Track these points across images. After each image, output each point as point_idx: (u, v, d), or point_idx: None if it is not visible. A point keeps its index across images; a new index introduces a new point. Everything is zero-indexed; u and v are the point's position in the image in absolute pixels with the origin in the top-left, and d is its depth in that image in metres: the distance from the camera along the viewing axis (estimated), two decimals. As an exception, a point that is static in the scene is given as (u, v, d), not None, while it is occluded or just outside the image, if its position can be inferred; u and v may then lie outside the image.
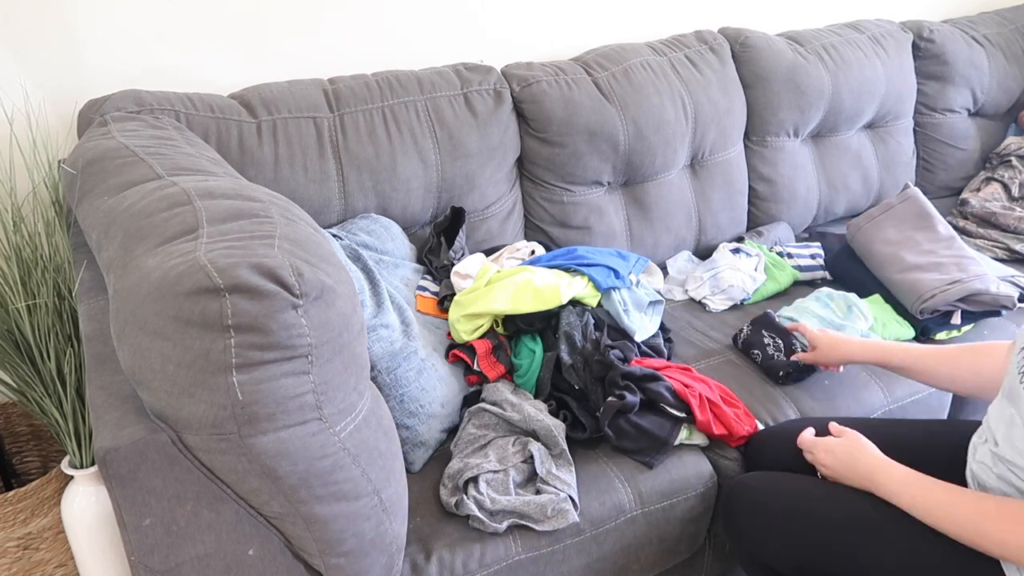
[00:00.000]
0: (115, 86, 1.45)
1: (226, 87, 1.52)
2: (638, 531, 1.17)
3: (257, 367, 0.75)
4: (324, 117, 1.47)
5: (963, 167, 2.25)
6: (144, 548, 0.80)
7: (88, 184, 1.03)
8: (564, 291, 1.34)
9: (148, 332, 0.74)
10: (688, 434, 1.24)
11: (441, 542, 1.07)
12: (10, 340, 1.27)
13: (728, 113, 1.85)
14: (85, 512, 1.18)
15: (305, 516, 0.84)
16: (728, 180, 1.89)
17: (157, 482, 0.79)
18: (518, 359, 1.34)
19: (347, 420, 0.85)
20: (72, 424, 1.22)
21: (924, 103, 2.21)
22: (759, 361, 1.44)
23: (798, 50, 1.95)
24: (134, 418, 0.80)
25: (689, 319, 1.64)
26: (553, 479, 1.12)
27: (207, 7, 1.49)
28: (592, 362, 1.26)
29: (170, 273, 0.74)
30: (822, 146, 2.06)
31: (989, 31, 2.28)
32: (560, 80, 1.66)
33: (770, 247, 1.84)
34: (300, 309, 0.76)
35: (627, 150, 1.71)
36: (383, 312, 1.24)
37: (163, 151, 1.10)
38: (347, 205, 1.49)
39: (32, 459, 1.59)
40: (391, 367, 1.19)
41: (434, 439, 1.23)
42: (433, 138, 1.54)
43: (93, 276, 1.11)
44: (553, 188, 1.71)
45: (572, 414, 1.25)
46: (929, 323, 1.53)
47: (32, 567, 1.36)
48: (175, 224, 0.84)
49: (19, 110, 1.41)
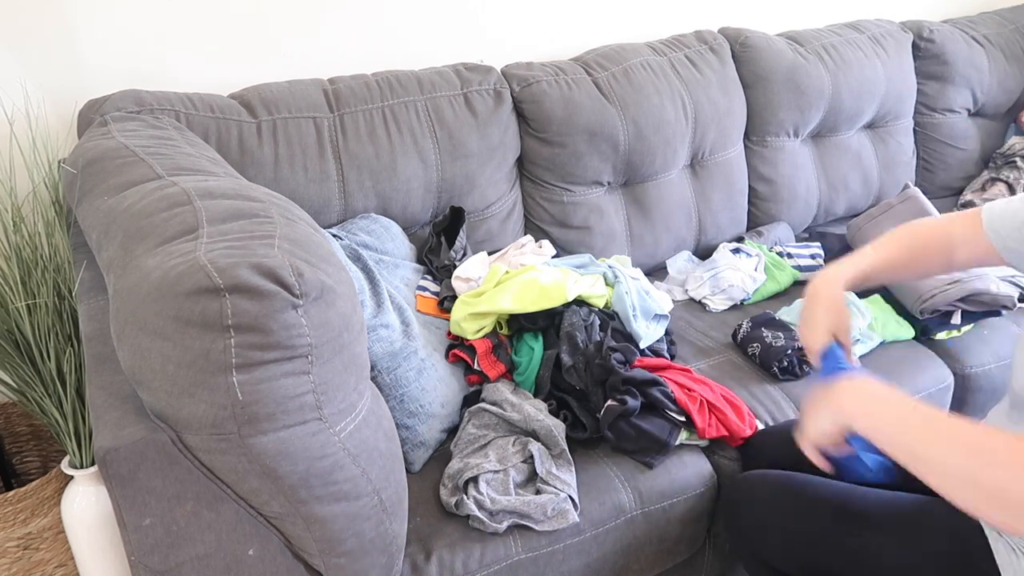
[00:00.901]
0: (115, 86, 1.45)
1: (226, 87, 1.52)
2: (638, 531, 1.17)
3: (257, 367, 0.75)
4: (324, 117, 1.47)
5: (963, 167, 2.25)
6: (144, 548, 0.80)
7: (88, 184, 1.04)
8: (570, 289, 1.34)
9: (148, 332, 0.74)
10: (688, 434, 1.24)
11: (441, 542, 1.07)
12: (10, 340, 1.27)
13: (728, 113, 1.85)
14: (85, 512, 1.18)
15: (305, 516, 0.84)
16: (728, 180, 1.89)
17: (157, 482, 0.79)
18: (518, 356, 1.34)
19: (347, 420, 0.85)
20: (72, 424, 1.22)
21: (924, 103, 2.21)
22: (758, 354, 1.44)
23: (798, 50, 1.95)
24: (134, 418, 0.80)
25: (689, 319, 1.64)
26: (553, 479, 1.12)
27: (207, 7, 1.50)
28: (593, 365, 1.26)
29: (170, 273, 0.74)
30: (822, 146, 2.06)
31: (989, 31, 2.28)
32: (560, 80, 1.66)
33: (770, 247, 1.84)
34: (300, 309, 0.76)
35: (627, 150, 1.71)
36: (383, 312, 1.24)
37: (163, 151, 1.10)
38: (347, 205, 1.49)
39: (32, 459, 1.59)
40: (391, 367, 1.19)
41: (434, 439, 1.23)
42: (433, 138, 1.54)
43: (93, 276, 1.11)
44: (553, 188, 1.71)
45: (572, 414, 1.25)
46: (929, 323, 1.53)
47: (32, 567, 1.36)
48: (175, 224, 0.84)
49: (19, 110, 1.41)
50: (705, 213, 1.87)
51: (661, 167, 1.78)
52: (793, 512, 1.04)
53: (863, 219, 1.71)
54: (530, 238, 1.66)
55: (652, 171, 1.78)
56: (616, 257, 1.61)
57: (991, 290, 1.48)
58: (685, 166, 1.87)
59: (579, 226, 1.72)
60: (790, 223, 2.00)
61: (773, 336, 1.44)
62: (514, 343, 1.38)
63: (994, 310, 1.53)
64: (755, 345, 1.45)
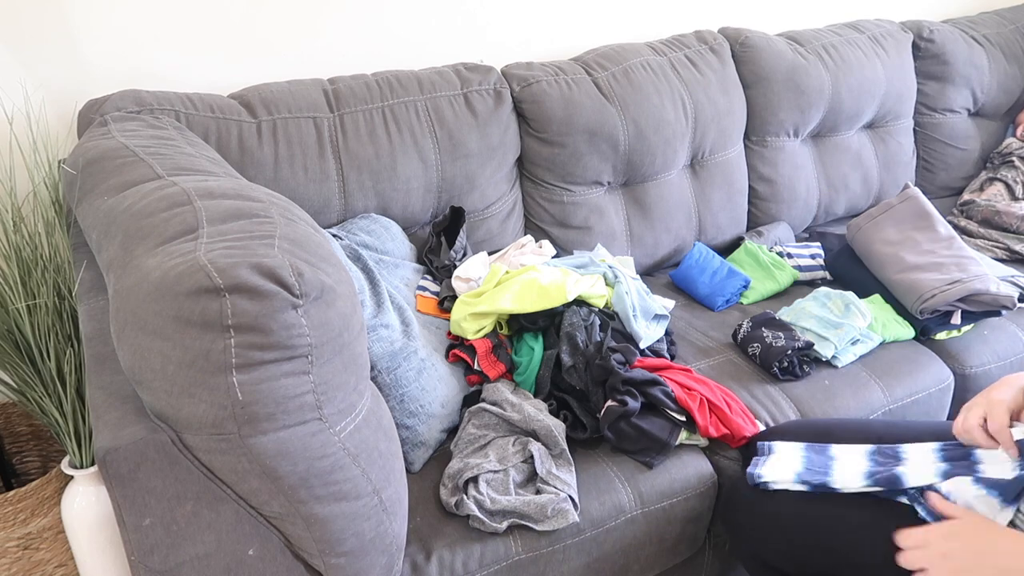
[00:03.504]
0: (115, 86, 1.45)
1: (226, 87, 1.52)
2: (638, 531, 1.17)
3: (257, 367, 0.75)
4: (324, 117, 1.47)
5: (963, 167, 2.25)
6: (144, 548, 0.80)
7: (88, 184, 1.04)
8: (570, 289, 1.34)
9: (148, 332, 0.74)
10: (688, 434, 1.24)
11: (441, 542, 1.07)
12: (10, 340, 1.27)
13: (728, 113, 1.85)
14: (85, 512, 1.18)
15: (305, 516, 0.84)
16: (728, 180, 1.89)
17: (157, 482, 0.79)
18: (518, 356, 1.34)
19: (347, 420, 0.85)
20: (72, 424, 1.22)
21: (924, 103, 2.21)
22: (759, 354, 1.44)
23: (798, 50, 1.95)
24: (134, 418, 0.80)
25: (689, 319, 1.64)
26: (553, 479, 1.12)
27: (207, 7, 1.50)
28: (593, 365, 1.26)
29: (170, 273, 0.74)
30: (822, 146, 2.06)
31: (989, 31, 2.28)
32: (560, 80, 1.66)
33: (770, 247, 1.84)
34: (300, 309, 0.76)
35: (627, 150, 1.71)
36: (383, 312, 1.24)
37: (163, 151, 1.10)
38: (347, 205, 1.49)
39: (32, 459, 1.59)
40: (391, 367, 1.19)
41: (434, 439, 1.23)
42: (433, 138, 1.54)
43: (93, 276, 1.11)
44: (553, 188, 1.71)
45: (572, 414, 1.25)
46: (929, 323, 1.53)
47: (32, 567, 1.36)
48: (175, 224, 0.84)
49: (19, 110, 1.41)
50: (705, 213, 1.87)
51: (661, 167, 1.78)
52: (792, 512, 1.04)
53: (863, 219, 1.71)
54: (530, 238, 1.66)
55: (652, 171, 1.78)
56: (619, 259, 1.60)
57: (991, 290, 1.48)
58: (685, 166, 1.87)
59: (579, 226, 1.72)
60: (790, 223, 2.00)
61: (773, 336, 1.44)
62: (514, 343, 1.38)
63: (994, 310, 1.53)
64: (755, 345, 1.45)
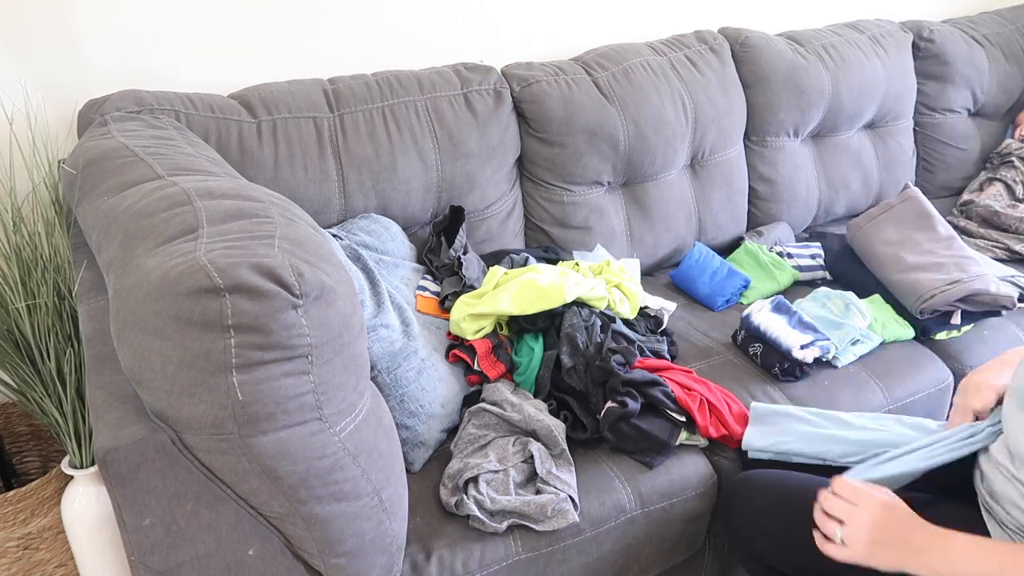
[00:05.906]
0: (115, 86, 1.45)
1: (226, 87, 1.52)
2: (638, 531, 1.17)
3: (257, 367, 0.75)
4: (324, 117, 1.47)
5: (963, 167, 2.25)
6: (144, 548, 0.80)
7: (88, 184, 1.04)
8: (569, 290, 1.34)
9: (148, 332, 0.74)
10: (688, 434, 1.24)
11: (441, 542, 1.07)
12: (10, 340, 1.27)
13: (728, 113, 1.85)
14: (85, 512, 1.18)
15: (305, 516, 0.84)
16: (728, 180, 1.89)
17: (157, 482, 0.79)
18: (518, 356, 1.34)
19: (347, 420, 0.85)
20: (72, 424, 1.22)
21: (924, 103, 2.21)
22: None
23: (798, 50, 1.95)
24: (134, 418, 0.80)
25: (689, 319, 1.64)
26: (553, 479, 1.12)
27: (207, 7, 1.49)
28: (593, 366, 1.26)
29: (170, 273, 0.74)
30: (822, 146, 2.06)
31: (989, 31, 2.28)
32: (560, 80, 1.66)
33: (770, 247, 1.84)
34: (300, 309, 0.76)
35: (627, 150, 1.71)
36: (383, 312, 1.24)
37: (163, 151, 1.10)
38: (347, 205, 1.49)
39: (32, 459, 1.59)
40: (391, 367, 1.19)
41: (434, 439, 1.23)
42: (433, 138, 1.54)
43: (93, 276, 1.11)
44: (553, 188, 1.71)
45: (572, 414, 1.25)
46: (929, 323, 1.53)
47: (32, 567, 1.36)
48: (175, 224, 0.84)
49: (19, 110, 1.41)
50: (705, 213, 1.87)
51: (661, 167, 1.78)
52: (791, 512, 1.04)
53: (863, 219, 1.71)
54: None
55: (652, 171, 1.78)
56: (625, 261, 1.60)
57: (991, 290, 1.48)
58: (685, 166, 1.87)
59: (579, 226, 1.72)
60: (790, 223, 2.00)
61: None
62: (514, 343, 1.38)
63: (994, 310, 1.53)
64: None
